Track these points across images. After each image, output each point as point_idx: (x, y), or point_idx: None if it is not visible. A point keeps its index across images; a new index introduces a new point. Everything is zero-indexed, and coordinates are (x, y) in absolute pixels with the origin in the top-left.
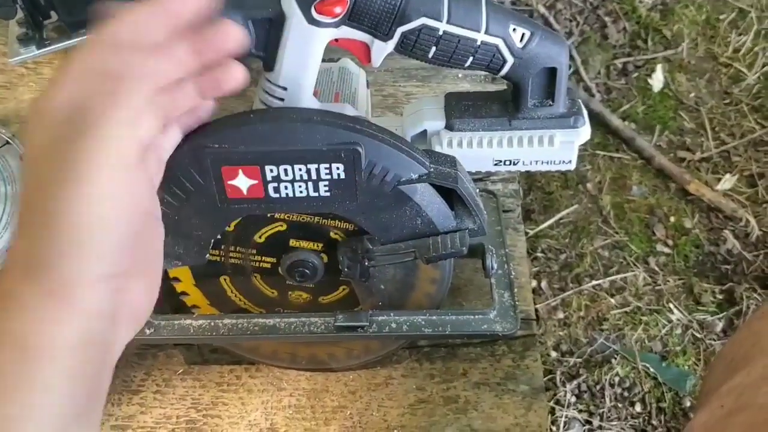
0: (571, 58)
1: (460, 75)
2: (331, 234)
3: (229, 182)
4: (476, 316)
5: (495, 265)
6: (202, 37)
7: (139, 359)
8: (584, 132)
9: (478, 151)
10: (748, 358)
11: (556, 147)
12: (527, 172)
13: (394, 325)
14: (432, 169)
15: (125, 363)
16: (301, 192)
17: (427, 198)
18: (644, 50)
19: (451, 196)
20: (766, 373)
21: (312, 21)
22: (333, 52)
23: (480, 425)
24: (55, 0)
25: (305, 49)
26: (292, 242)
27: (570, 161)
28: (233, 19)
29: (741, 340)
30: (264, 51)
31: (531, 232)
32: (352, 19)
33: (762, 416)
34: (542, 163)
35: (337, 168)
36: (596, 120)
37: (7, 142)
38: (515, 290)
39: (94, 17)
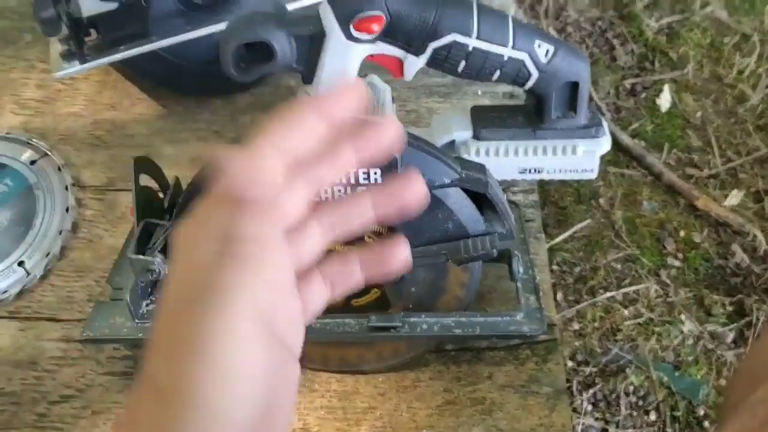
0: None
1: (479, 92)
2: (366, 237)
3: None
4: (504, 318)
5: (521, 270)
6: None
7: None
8: (605, 142)
9: (505, 160)
10: None
11: (579, 156)
12: (551, 181)
13: (425, 326)
14: (463, 175)
15: None
16: (340, 195)
17: (458, 202)
18: (652, 71)
19: (480, 201)
20: None
21: (350, 37)
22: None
23: (505, 425)
24: (96, 18)
25: (343, 64)
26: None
27: (592, 170)
28: (278, 38)
29: (760, 353)
30: (304, 65)
31: (546, 246)
32: (387, 35)
33: None
34: (565, 171)
35: (375, 172)
36: None
37: (46, 154)
38: (540, 294)
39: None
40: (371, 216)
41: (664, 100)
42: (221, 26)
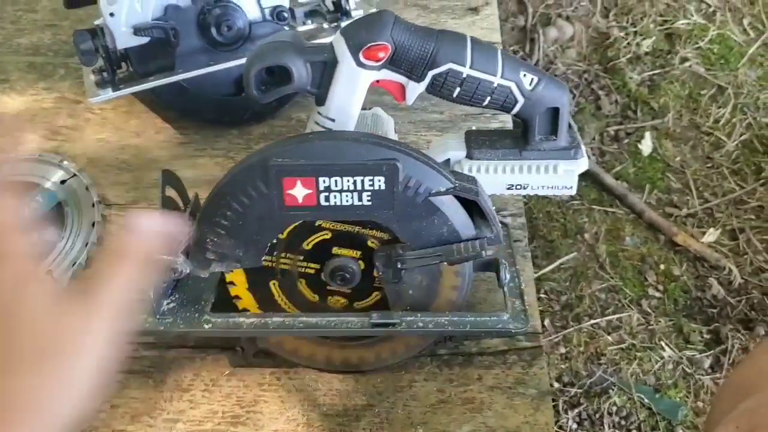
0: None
1: (473, 127)
2: (369, 242)
3: (288, 191)
4: (492, 317)
5: (507, 277)
6: None
7: (190, 362)
8: (583, 162)
9: (494, 177)
10: (756, 386)
11: (560, 174)
12: (535, 196)
13: (421, 324)
14: (457, 184)
15: (177, 365)
16: (347, 201)
17: (452, 209)
18: (634, 119)
19: (471, 209)
20: None
21: (359, 64)
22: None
23: (494, 423)
24: (129, 51)
25: (352, 87)
26: (335, 250)
27: (571, 187)
28: (296, 63)
29: (746, 371)
30: (318, 88)
31: (535, 276)
32: (392, 63)
33: None
34: (547, 188)
35: (379, 180)
36: (592, 179)
37: (75, 175)
38: (525, 299)
39: None
40: None
41: (646, 146)
42: (240, 63)
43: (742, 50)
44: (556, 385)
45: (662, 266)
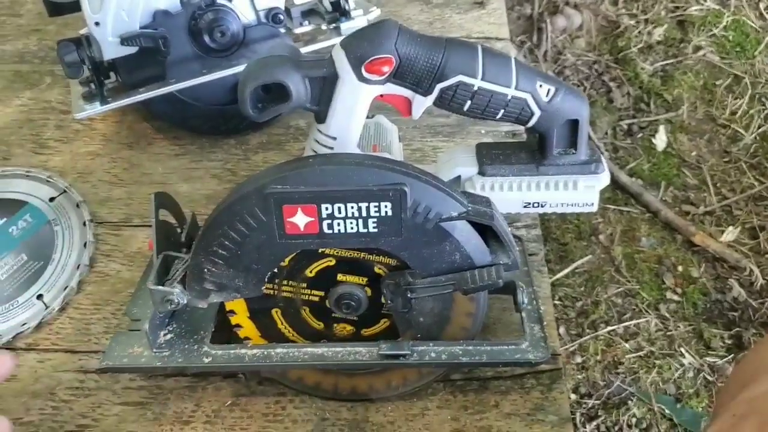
0: None
1: (483, 131)
2: (376, 269)
3: (289, 219)
4: (510, 347)
5: (525, 300)
6: None
7: (190, 392)
8: (604, 177)
9: (509, 194)
10: (756, 376)
11: (580, 191)
12: (554, 214)
13: (433, 354)
14: (470, 208)
15: (176, 396)
16: (351, 228)
17: (465, 234)
18: (647, 113)
19: (486, 233)
20: None
21: (362, 79)
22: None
23: None
24: (117, 61)
25: (354, 104)
26: (340, 276)
27: (592, 204)
28: (294, 80)
29: (749, 363)
30: (317, 105)
31: (549, 279)
32: (397, 77)
33: None
34: (567, 205)
35: (386, 206)
36: None
37: (64, 191)
38: (544, 324)
39: None
40: None
41: (660, 140)
42: (235, 70)
43: (759, 37)
44: (573, 396)
45: (680, 268)
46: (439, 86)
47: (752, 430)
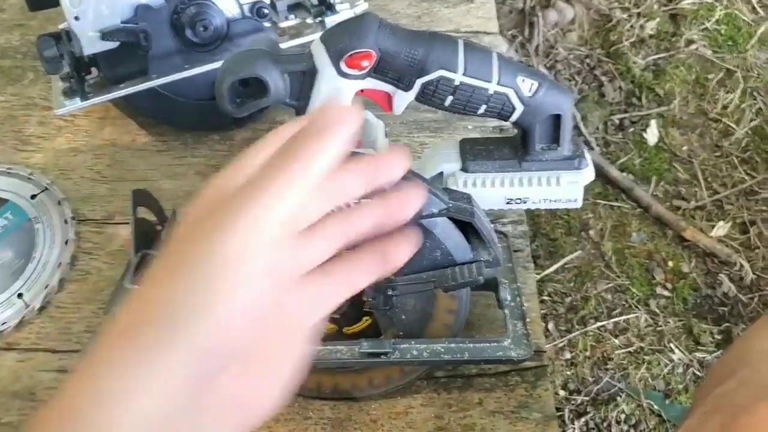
0: None
1: (469, 126)
2: None
3: None
4: (492, 344)
5: (508, 297)
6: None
7: None
8: (588, 173)
9: (491, 191)
10: (731, 372)
11: (563, 186)
12: (537, 210)
13: (415, 352)
14: (451, 205)
15: None
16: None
17: (446, 231)
18: (639, 107)
19: (467, 230)
20: (745, 380)
21: (341, 73)
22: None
23: None
24: (97, 57)
25: (335, 99)
26: None
27: (576, 200)
28: (272, 75)
29: (727, 359)
30: (297, 100)
31: (537, 277)
32: (377, 71)
33: (734, 413)
34: (550, 201)
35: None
36: (596, 171)
37: (46, 189)
38: (527, 320)
39: None
40: (371, 226)
41: (651, 135)
42: (218, 65)
43: (751, 30)
44: (562, 393)
45: (670, 263)
46: (420, 81)
47: (716, 427)
